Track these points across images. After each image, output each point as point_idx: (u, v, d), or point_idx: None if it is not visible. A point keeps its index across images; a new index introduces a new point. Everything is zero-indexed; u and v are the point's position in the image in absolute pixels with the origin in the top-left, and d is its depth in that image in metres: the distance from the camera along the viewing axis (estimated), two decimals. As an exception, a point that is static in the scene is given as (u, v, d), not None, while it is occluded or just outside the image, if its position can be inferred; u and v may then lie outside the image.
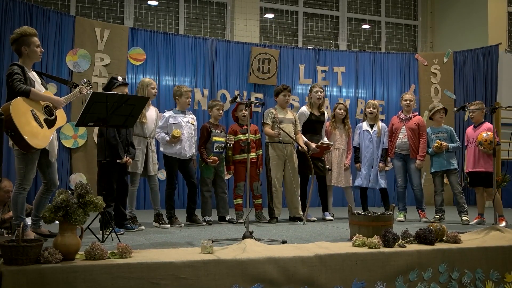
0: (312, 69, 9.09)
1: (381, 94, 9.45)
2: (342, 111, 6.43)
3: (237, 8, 9.37)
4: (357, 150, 6.46)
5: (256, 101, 5.81)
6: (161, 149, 5.60)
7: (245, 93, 8.54)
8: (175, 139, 5.40)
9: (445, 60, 9.65)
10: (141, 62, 7.97)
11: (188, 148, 5.52)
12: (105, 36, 7.69)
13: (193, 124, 5.67)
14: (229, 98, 8.27)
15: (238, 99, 4.86)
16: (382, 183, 6.31)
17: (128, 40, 7.89)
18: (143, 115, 5.18)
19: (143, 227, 5.03)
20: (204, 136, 5.77)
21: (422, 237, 3.65)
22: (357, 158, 6.44)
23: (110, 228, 4.10)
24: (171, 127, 5.49)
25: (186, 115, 5.65)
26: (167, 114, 5.59)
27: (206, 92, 8.31)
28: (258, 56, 8.55)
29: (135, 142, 5.15)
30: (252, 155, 5.85)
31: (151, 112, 5.34)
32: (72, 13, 8.27)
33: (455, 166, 6.25)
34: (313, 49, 9.34)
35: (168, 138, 5.44)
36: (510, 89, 9.73)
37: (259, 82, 8.63)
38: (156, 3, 9.19)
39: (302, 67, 8.99)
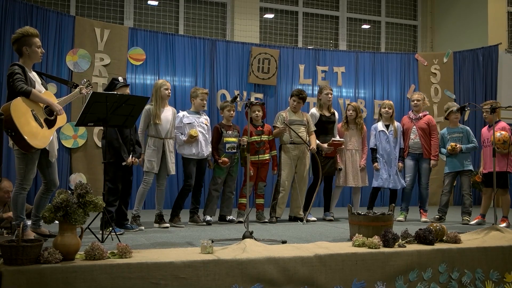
0: (312, 69, 9.08)
1: (381, 94, 9.44)
2: (351, 111, 6.41)
3: (237, 8, 9.36)
4: (373, 150, 6.42)
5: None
6: (177, 150, 5.61)
7: (245, 93, 8.53)
8: (193, 139, 5.44)
9: (445, 60, 9.65)
10: (141, 62, 7.96)
11: (205, 147, 5.57)
12: (105, 36, 7.68)
13: (206, 125, 5.70)
14: (229, 98, 8.26)
15: (238, 99, 4.89)
16: (403, 182, 6.31)
17: (128, 40, 7.89)
18: (157, 117, 5.20)
19: (143, 227, 5.04)
20: (215, 137, 5.81)
21: (422, 237, 3.66)
22: (374, 159, 6.39)
23: (110, 228, 4.11)
24: (185, 127, 5.54)
25: (200, 116, 5.69)
26: (181, 114, 5.62)
27: (206, 92, 8.29)
28: (258, 56, 8.55)
29: (151, 143, 5.20)
30: (266, 156, 5.92)
31: (167, 113, 5.34)
32: (72, 13, 8.26)
33: (469, 167, 6.18)
34: (313, 49, 9.33)
35: (184, 138, 5.47)
36: (510, 89, 9.71)
37: (259, 82, 8.62)
38: (156, 3, 9.18)
39: (302, 67, 8.99)
